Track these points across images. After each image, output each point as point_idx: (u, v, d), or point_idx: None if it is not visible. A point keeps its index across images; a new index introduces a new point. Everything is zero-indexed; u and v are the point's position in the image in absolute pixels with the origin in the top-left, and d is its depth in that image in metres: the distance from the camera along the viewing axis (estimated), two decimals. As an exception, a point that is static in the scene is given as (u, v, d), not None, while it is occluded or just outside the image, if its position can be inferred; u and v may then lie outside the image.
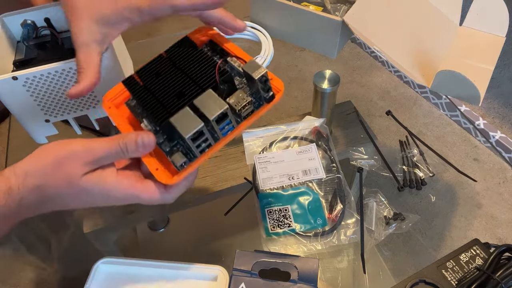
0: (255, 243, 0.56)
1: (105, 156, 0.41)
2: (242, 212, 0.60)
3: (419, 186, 0.63)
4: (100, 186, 0.41)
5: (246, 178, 0.62)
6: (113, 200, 0.43)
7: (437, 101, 0.80)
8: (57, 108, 0.59)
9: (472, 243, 0.50)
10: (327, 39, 0.76)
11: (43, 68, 0.54)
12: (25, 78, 0.54)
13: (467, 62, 0.65)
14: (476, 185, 0.66)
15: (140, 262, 0.49)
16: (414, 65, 0.64)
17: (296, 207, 0.57)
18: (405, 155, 0.66)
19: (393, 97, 0.82)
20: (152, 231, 0.63)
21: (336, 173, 0.60)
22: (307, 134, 0.65)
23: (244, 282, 0.45)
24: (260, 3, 0.81)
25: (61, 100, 0.58)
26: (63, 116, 0.61)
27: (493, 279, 0.45)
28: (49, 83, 0.56)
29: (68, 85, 0.56)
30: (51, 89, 0.56)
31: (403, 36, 0.68)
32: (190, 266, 0.49)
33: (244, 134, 0.65)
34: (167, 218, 0.62)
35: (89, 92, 0.47)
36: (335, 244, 0.54)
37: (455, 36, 0.71)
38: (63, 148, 0.41)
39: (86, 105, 0.60)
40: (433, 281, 0.47)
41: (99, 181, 0.41)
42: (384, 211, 0.58)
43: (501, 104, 1.55)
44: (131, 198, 0.43)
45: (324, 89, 0.63)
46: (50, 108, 0.59)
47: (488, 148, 0.73)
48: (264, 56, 0.80)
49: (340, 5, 0.79)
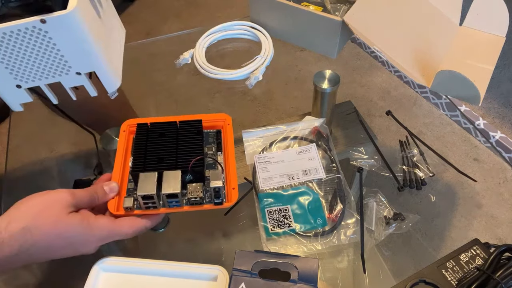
0: (255, 243, 0.56)
1: (84, 199, 0.48)
2: (242, 212, 0.60)
3: (419, 186, 0.63)
4: (84, 223, 0.46)
5: (246, 178, 0.62)
6: (95, 238, 0.47)
7: (437, 101, 0.80)
8: (26, 72, 0.54)
9: (472, 243, 0.50)
10: (327, 39, 0.76)
11: (8, 25, 0.49)
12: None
13: (467, 62, 0.65)
14: (476, 185, 0.66)
15: (140, 262, 0.49)
16: (414, 65, 0.64)
17: (296, 207, 0.57)
18: (405, 155, 0.66)
19: (393, 97, 0.82)
20: (152, 231, 0.63)
21: (336, 173, 0.60)
22: (307, 134, 0.65)
23: (244, 282, 0.45)
24: (260, 3, 0.81)
25: (30, 63, 0.53)
26: (34, 82, 0.56)
27: (493, 279, 0.45)
28: (13, 43, 0.50)
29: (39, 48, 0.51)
30: (17, 50, 0.51)
31: (403, 36, 0.68)
32: (190, 266, 0.49)
33: (244, 134, 0.65)
34: (167, 218, 0.62)
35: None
36: (335, 244, 0.54)
37: (455, 36, 0.71)
38: (48, 193, 0.46)
39: (57, 71, 0.55)
40: (433, 281, 0.47)
41: (82, 218, 0.46)
42: (384, 211, 0.58)
43: (501, 104, 1.55)
44: (113, 233, 0.48)
45: (324, 89, 0.63)
46: (20, 72, 0.54)
47: (488, 148, 0.73)
48: (264, 56, 0.80)
49: (340, 5, 0.79)
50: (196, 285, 0.48)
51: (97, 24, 0.55)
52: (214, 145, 0.59)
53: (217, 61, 0.82)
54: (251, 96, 0.82)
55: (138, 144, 0.55)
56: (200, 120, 0.58)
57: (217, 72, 0.78)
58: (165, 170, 0.52)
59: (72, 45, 0.51)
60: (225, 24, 0.86)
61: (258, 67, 0.78)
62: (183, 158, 0.53)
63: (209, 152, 0.58)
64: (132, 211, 0.51)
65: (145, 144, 0.55)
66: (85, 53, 0.52)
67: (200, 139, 0.56)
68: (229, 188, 0.53)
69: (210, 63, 0.79)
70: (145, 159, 0.53)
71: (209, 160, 0.56)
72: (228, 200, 0.53)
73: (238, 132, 0.66)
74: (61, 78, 0.56)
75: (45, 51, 0.51)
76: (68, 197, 0.46)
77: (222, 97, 0.81)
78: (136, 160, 0.53)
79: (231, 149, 0.57)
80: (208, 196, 0.53)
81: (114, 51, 0.60)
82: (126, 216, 0.50)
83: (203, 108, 0.81)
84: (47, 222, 0.44)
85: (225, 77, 0.78)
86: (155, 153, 0.54)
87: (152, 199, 0.50)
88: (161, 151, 0.54)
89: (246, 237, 0.60)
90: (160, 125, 0.57)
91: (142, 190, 0.49)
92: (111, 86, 0.58)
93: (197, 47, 0.83)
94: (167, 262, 0.49)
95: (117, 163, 0.56)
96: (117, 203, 0.52)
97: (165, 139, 0.55)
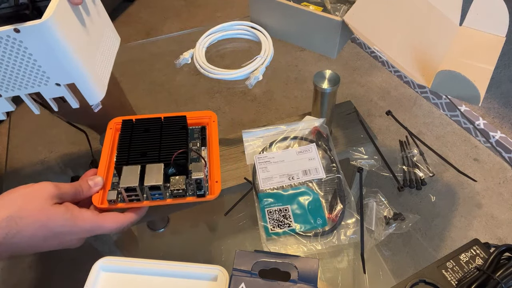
0: (255, 243, 0.56)
1: (69, 191, 0.49)
2: (242, 212, 0.60)
3: (419, 186, 0.63)
4: (68, 214, 0.47)
5: (246, 178, 0.62)
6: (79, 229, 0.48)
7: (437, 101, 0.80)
8: (5, 82, 0.53)
9: (472, 243, 0.50)
10: (327, 39, 0.76)
11: None
12: None
13: (467, 62, 0.65)
14: (476, 185, 0.66)
15: (140, 262, 0.49)
16: (414, 65, 0.64)
17: (296, 207, 0.57)
18: (405, 155, 0.66)
19: (393, 97, 0.82)
20: (152, 231, 0.63)
21: (336, 173, 0.60)
22: (307, 134, 0.65)
23: (244, 282, 0.45)
24: (260, 3, 0.81)
25: (8, 73, 0.52)
26: (14, 91, 0.54)
27: (493, 279, 0.45)
28: None
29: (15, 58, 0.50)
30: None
31: (403, 36, 0.68)
32: (190, 266, 0.49)
33: (244, 134, 0.65)
34: (167, 218, 0.62)
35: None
36: (335, 244, 0.54)
37: (455, 36, 0.71)
38: (33, 185, 0.47)
39: (36, 81, 0.53)
40: (433, 281, 0.47)
41: (66, 209, 0.47)
42: (384, 211, 0.58)
43: (501, 104, 1.55)
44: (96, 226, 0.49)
45: (324, 89, 0.63)
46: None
47: (488, 148, 0.73)
48: (264, 56, 0.80)
49: (340, 5, 0.79)
50: (196, 285, 0.48)
51: (79, 33, 0.54)
52: (198, 141, 0.60)
53: (217, 61, 0.82)
54: (251, 96, 0.82)
55: (123, 139, 0.56)
56: (184, 116, 0.59)
57: (217, 72, 0.78)
58: (148, 163, 0.53)
59: (48, 56, 0.50)
60: (225, 24, 0.86)
61: (258, 67, 0.78)
62: (166, 152, 0.54)
63: (193, 148, 0.59)
64: (116, 204, 0.52)
65: (129, 139, 0.56)
66: (62, 64, 0.51)
67: (184, 133, 0.57)
68: (212, 182, 0.54)
69: (210, 63, 0.79)
70: (128, 153, 0.54)
71: (193, 155, 0.58)
72: (211, 193, 0.54)
73: (238, 132, 0.66)
74: (40, 88, 0.54)
75: (21, 61, 0.50)
76: (52, 188, 0.47)
77: (222, 97, 0.81)
78: (120, 154, 0.55)
79: (215, 145, 0.58)
80: (191, 189, 0.54)
81: (101, 61, 0.59)
82: (109, 209, 0.52)
83: (203, 108, 0.81)
84: (32, 212, 0.45)
85: (225, 77, 0.78)
86: (139, 147, 0.55)
87: (135, 191, 0.51)
88: (145, 145, 0.55)
89: (246, 237, 0.60)
90: (145, 121, 0.58)
91: (124, 183, 0.50)
92: (93, 99, 0.56)
93: (197, 47, 0.83)
94: (167, 262, 0.49)
95: (102, 159, 0.57)
96: (101, 197, 0.53)
97: (149, 134, 0.57)
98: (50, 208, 0.46)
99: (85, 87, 0.54)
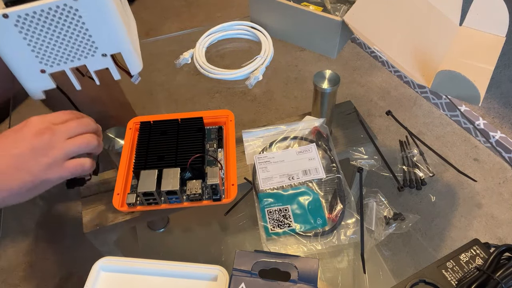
0: (255, 243, 0.56)
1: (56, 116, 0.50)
2: (242, 212, 0.60)
3: (419, 186, 0.63)
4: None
5: (246, 178, 0.62)
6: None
7: (437, 101, 0.80)
8: (53, 55, 0.53)
9: (472, 243, 0.50)
10: (327, 39, 0.76)
11: (37, 4, 0.47)
12: (17, 16, 0.47)
13: (467, 62, 0.65)
14: (476, 185, 0.66)
15: (140, 262, 0.49)
16: (414, 65, 0.64)
17: (296, 207, 0.57)
18: (405, 155, 0.66)
19: (393, 97, 0.82)
20: (152, 231, 0.63)
21: (336, 173, 0.60)
22: (307, 134, 0.65)
23: (244, 282, 0.45)
24: (260, 3, 0.81)
25: (57, 45, 0.52)
26: (59, 65, 0.54)
27: (493, 279, 0.45)
28: (42, 23, 0.49)
29: (68, 28, 0.50)
30: (45, 31, 0.50)
31: (403, 36, 0.68)
32: (190, 266, 0.49)
33: (244, 134, 0.65)
34: (167, 218, 0.62)
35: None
36: (335, 244, 0.54)
37: (455, 36, 0.71)
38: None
39: (83, 52, 0.53)
40: (433, 281, 0.47)
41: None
42: (384, 211, 0.58)
43: (501, 104, 1.55)
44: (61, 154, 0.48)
45: (324, 89, 0.63)
46: (46, 55, 0.52)
47: (488, 148, 0.73)
48: (264, 56, 0.80)
49: (340, 5, 0.79)
50: (196, 285, 0.48)
51: (120, 6, 0.55)
52: (215, 142, 0.60)
53: (217, 61, 0.82)
54: (251, 96, 0.82)
55: (141, 143, 0.58)
56: (201, 118, 0.60)
57: (217, 72, 0.78)
58: (165, 167, 0.54)
59: (100, 25, 0.50)
60: (225, 24, 0.86)
61: (258, 67, 0.78)
62: (182, 156, 0.55)
63: (210, 149, 0.59)
64: (135, 207, 0.54)
65: (147, 142, 0.57)
66: (112, 33, 0.51)
67: (200, 136, 0.58)
68: (229, 185, 0.54)
69: (210, 63, 0.79)
70: (146, 157, 0.56)
71: (210, 157, 0.58)
72: (227, 196, 0.54)
73: (238, 132, 0.66)
74: (87, 60, 0.54)
75: (73, 32, 0.50)
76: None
77: (222, 97, 0.81)
78: (138, 158, 0.56)
79: (232, 146, 0.59)
80: (207, 193, 0.54)
81: (134, 33, 0.60)
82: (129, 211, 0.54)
83: (203, 108, 0.81)
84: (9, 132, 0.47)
85: (225, 77, 0.78)
86: (156, 151, 0.56)
87: (153, 195, 0.52)
88: (162, 149, 0.56)
89: (246, 237, 0.60)
90: (162, 123, 0.60)
91: (142, 188, 0.52)
92: (135, 68, 0.57)
93: (197, 47, 0.83)
94: (167, 262, 0.49)
95: (123, 160, 0.58)
96: (121, 200, 0.54)
97: (166, 137, 0.58)
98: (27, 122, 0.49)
99: (130, 56, 0.55)
